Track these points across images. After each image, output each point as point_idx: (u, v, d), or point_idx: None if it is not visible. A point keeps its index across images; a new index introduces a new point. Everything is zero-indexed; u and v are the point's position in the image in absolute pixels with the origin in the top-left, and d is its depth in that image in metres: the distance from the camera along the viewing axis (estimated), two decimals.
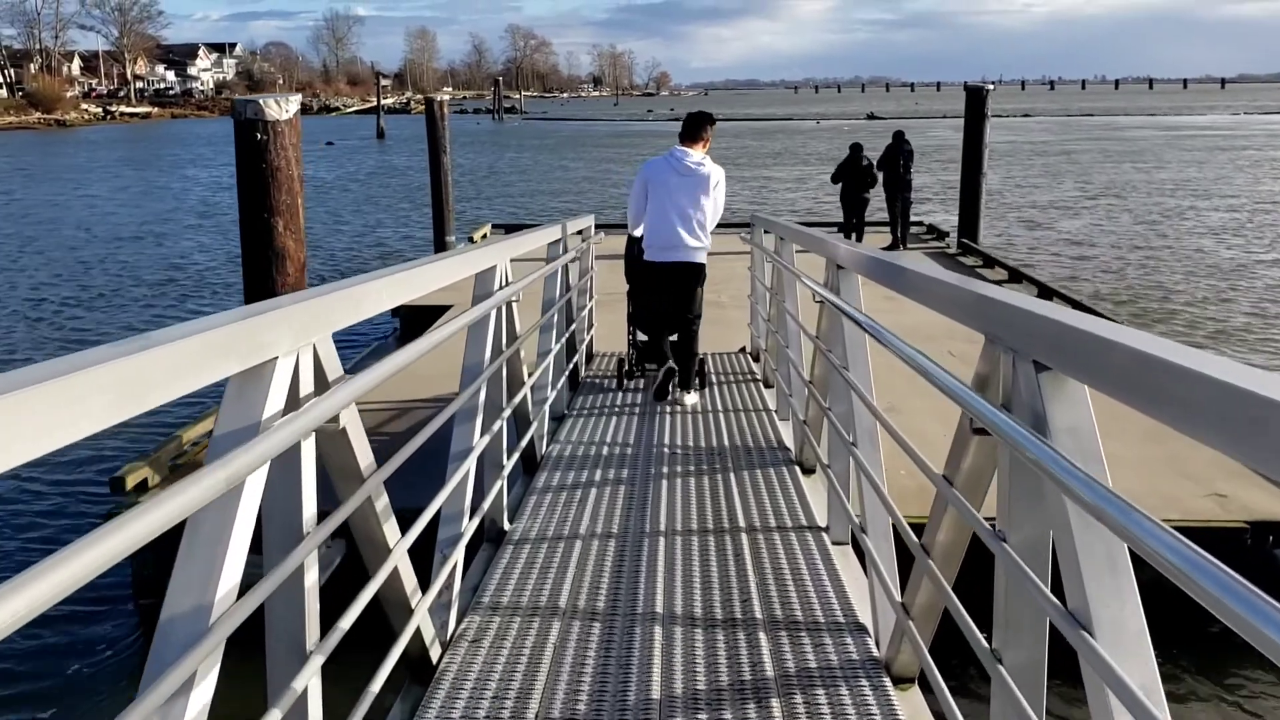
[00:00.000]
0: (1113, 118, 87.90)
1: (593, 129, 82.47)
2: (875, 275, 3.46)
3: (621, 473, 5.22)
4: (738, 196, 30.16)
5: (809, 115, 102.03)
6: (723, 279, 13.09)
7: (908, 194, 16.82)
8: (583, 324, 7.46)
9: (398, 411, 7.60)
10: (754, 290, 8.38)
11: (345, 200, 33.18)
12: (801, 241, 5.68)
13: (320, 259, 20.78)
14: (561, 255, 6.34)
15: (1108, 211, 26.87)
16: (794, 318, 5.71)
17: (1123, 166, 40.58)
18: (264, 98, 5.59)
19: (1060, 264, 18.95)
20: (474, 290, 4.00)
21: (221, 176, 39.71)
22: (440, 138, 17.28)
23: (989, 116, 17.20)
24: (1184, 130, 67.78)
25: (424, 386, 7.53)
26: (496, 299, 3.95)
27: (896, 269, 3.15)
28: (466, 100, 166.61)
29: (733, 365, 8.18)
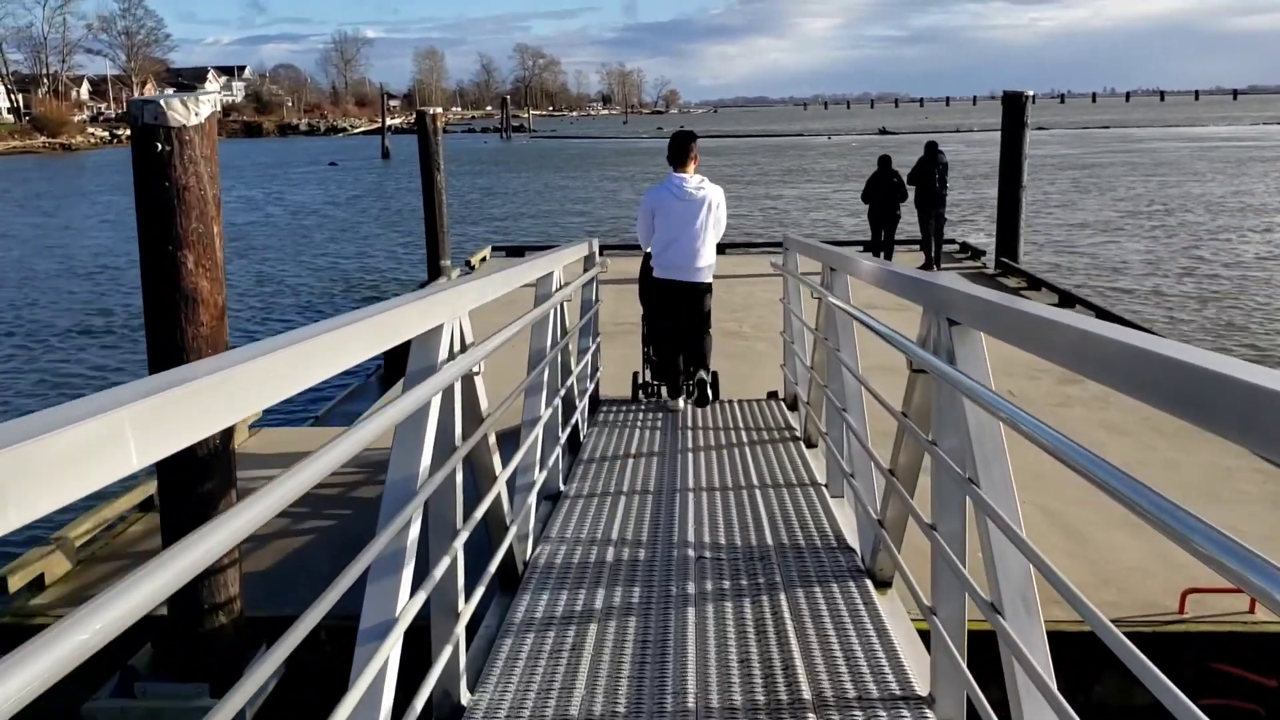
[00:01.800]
0: (1128, 130, 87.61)
1: (601, 146, 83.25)
2: (1015, 335, 2.31)
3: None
4: (750, 218, 30.28)
5: (820, 131, 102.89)
6: (742, 305, 12.92)
7: (942, 210, 15.73)
8: (585, 369, 6.59)
9: None
10: (788, 325, 7.18)
11: (332, 224, 32.89)
12: (877, 281, 3.97)
13: (292, 291, 20.46)
14: (553, 293, 5.22)
15: (1159, 231, 25.38)
16: (855, 373, 4.50)
17: (1155, 180, 39.68)
18: (167, 96, 4.37)
19: (1123, 291, 17.35)
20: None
21: None
22: (434, 154, 16.29)
23: (1028, 126, 16.10)
24: (1208, 141, 67.26)
25: None
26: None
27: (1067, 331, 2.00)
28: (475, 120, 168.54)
29: (762, 416, 6.99)
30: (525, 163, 63.73)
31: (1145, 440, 7.55)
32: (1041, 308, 2.37)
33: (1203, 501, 6.60)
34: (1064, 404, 8.43)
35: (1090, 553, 5.69)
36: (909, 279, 3.29)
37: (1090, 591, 5.11)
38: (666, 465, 5.77)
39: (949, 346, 2.77)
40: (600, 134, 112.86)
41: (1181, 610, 5.10)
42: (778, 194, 37.48)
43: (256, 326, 17.09)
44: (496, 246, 19.57)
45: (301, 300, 19.67)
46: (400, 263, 24.12)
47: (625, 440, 6.35)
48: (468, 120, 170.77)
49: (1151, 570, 5.46)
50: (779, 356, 8.55)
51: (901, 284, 3.50)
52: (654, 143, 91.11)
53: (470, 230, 28.88)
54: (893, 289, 3.65)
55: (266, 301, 19.63)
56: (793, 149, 72.79)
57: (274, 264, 24.40)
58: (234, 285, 20.24)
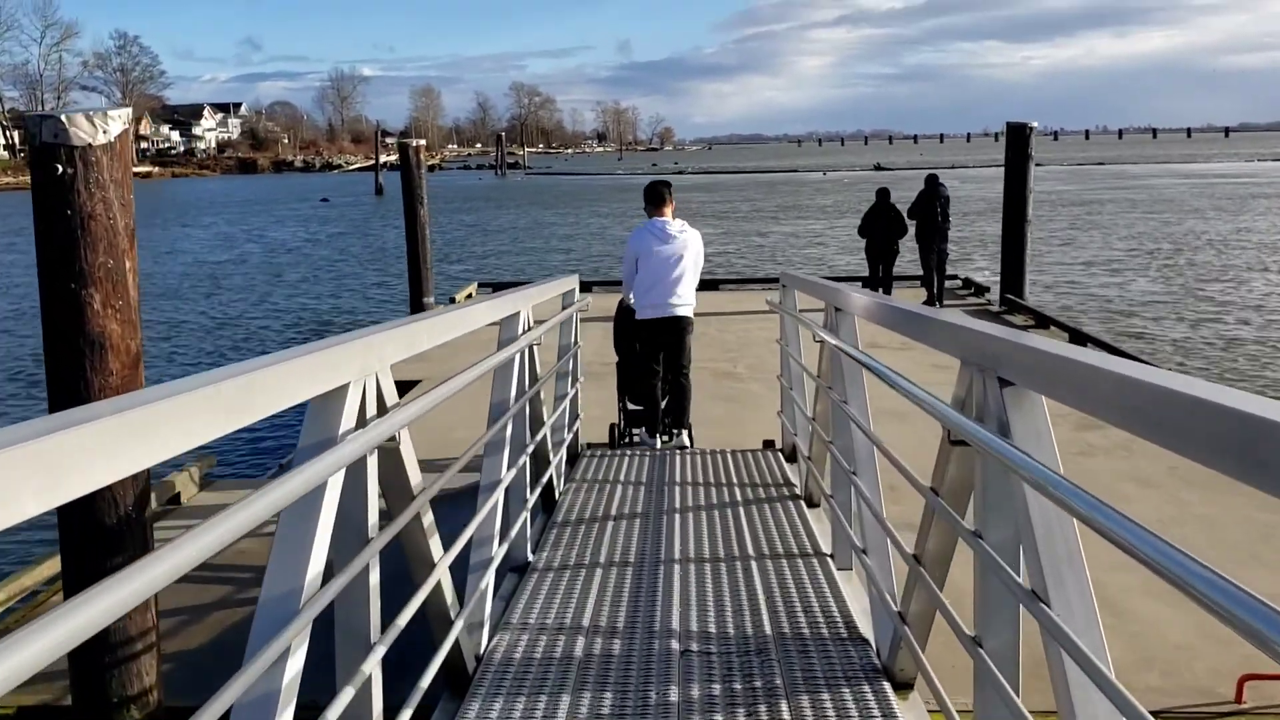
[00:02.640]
0: (1123, 166, 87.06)
1: (594, 183, 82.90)
2: (1098, 402, 1.77)
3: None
4: (745, 254, 29.76)
5: (815, 167, 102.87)
6: (737, 344, 12.23)
7: (944, 245, 15.04)
8: (563, 418, 5.98)
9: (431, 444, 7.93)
10: (785, 369, 6.74)
11: (309, 262, 31.43)
12: (891, 323, 3.43)
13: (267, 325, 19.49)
14: (519, 335, 4.62)
15: (1167, 269, 24.09)
16: (865, 430, 3.82)
17: (1156, 218, 38.29)
18: (71, 111, 3.81)
19: (1133, 333, 16.18)
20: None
21: (172, 241, 37.73)
22: (416, 187, 15.47)
23: (1032, 158, 15.27)
24: (1204, 178, 66.35)
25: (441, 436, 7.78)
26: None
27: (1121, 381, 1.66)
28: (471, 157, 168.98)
29: (758, 470, 6.24)
30: (517, 200, 62.65)
31: (1175, 493, 6.89)
32: (1121, 363, 1.75)
33: (1248, 566, 5.92)
34: (1085, 453, 7.75)
35: (1129, 626, 4.99)
36: (938, 323, 2.68)
37: (1132, 674, 4.46)
38: (651, 529, 5.08)
39: (1000, 414, 2.15)
40: (594, 171, 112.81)
41: (1239, 699, 4.44)
42: (770, 230, 36.81)
43: None
44: (483, 283, 18.91)
45: (243, 346, 17.95)
46: (368, 300, 22.95)
47: (606, 499, 5.63)
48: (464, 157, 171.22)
49: (1200, 650, 4.79)
50: (776, 401, 8.04)
51: (925, 329, 2.89)
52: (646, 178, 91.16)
53: (452, 269, 27.80)
54: (911, 333, 3.03)
55: (215, 344, 18.10)
56: (786, 184, 72.47)
57: (235, 304, 22.98)
58: (185, 327, 19.64)
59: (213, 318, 21.12)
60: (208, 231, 42.73)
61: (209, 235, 39.97)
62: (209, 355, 17.02)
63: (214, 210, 58.90)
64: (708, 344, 11.65)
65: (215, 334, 19.21)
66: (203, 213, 55.46)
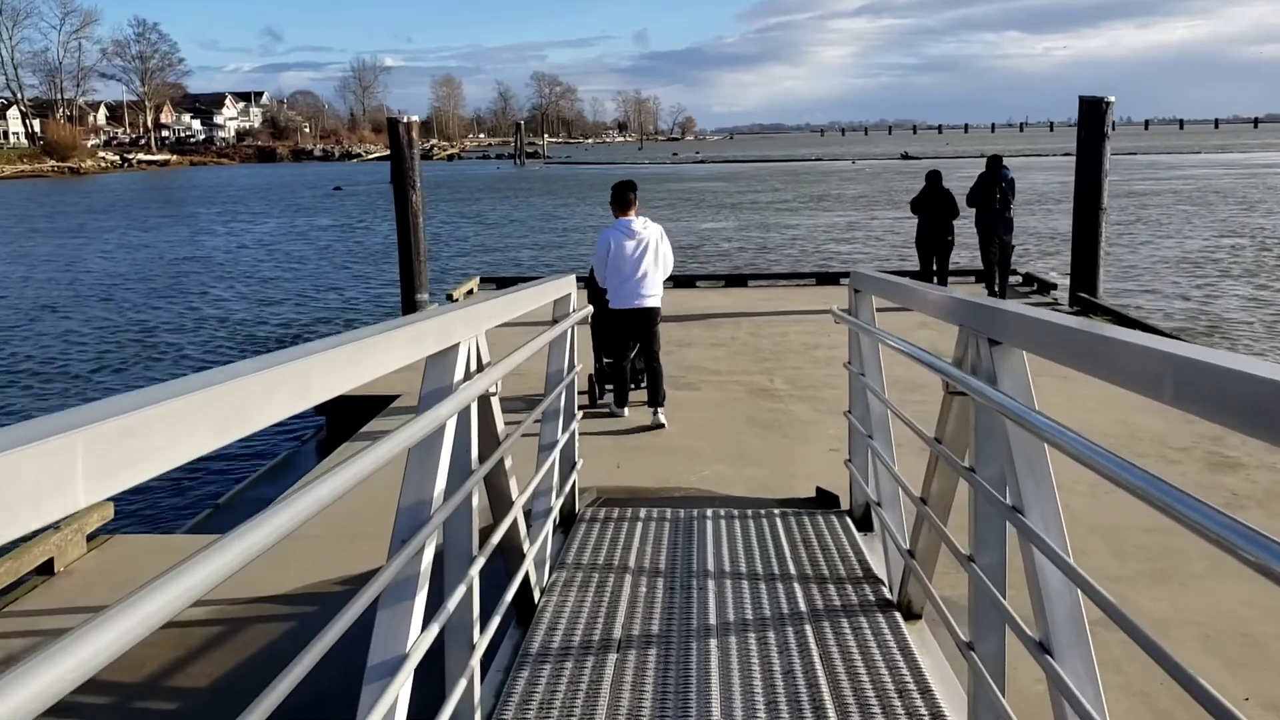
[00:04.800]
0: (1155, 156, 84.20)
1: (613, 172, 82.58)
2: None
3: None
4: (772, 251, 29.54)
5: (840, 156, 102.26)
6: (773, 352, 10.93)
7: (1008, 236, 13.55)
8: (553, 471, 4.53)
9: None
10: (859, 404, 4.95)
11: (299, 256, 29.99)
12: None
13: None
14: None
15: (1257, 269, 21.64)
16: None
17: (1217, 210, 35.85)
18: None
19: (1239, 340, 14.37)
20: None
21: (165, 236, 35.82)
22: (408, 172, 13.57)
23: (1109, 136, 13.50)
24: (1247, 168, 64.18)
25: None
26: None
27: None
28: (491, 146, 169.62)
29: (820, 547, 4.63)
30: (534, 189, 61.75)
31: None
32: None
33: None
34: None
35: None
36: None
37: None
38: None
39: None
40: (615, 160, 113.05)
41: None
42: (799, 222, 35.90)
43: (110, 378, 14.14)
44: (486, 278, 17.84)
45: (193, 348, 16.56)
46: (355, 296, 21.76)
47: (604, 603, 4.01)
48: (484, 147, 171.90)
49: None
50: (825, 423, 7.79)
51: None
52: (667, 168, 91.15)
53: (455, 263, 26.79)
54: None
55: (142, 352, 16.21)
56: (810, 174, 72.11)
57: (209, 301, 21.47)
58: (134, 325, 18.30)
59: (166, 316, 19.53)
60: (193, 225, 41.52)
61: (194, 228, 39.32)
62: (184, 361, 15.46)
63: (210, 201, 57.49)
64: (738, 350, 11.12)
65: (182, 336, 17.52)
66: (200, 202, 54.89)
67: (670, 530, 4.85)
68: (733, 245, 28.65)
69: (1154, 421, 7.62)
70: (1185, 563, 5.01)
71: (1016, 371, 2.61)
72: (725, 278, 17.69)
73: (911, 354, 3.23)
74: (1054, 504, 2.41)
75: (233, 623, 4.66)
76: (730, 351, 11.11)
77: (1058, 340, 2.22)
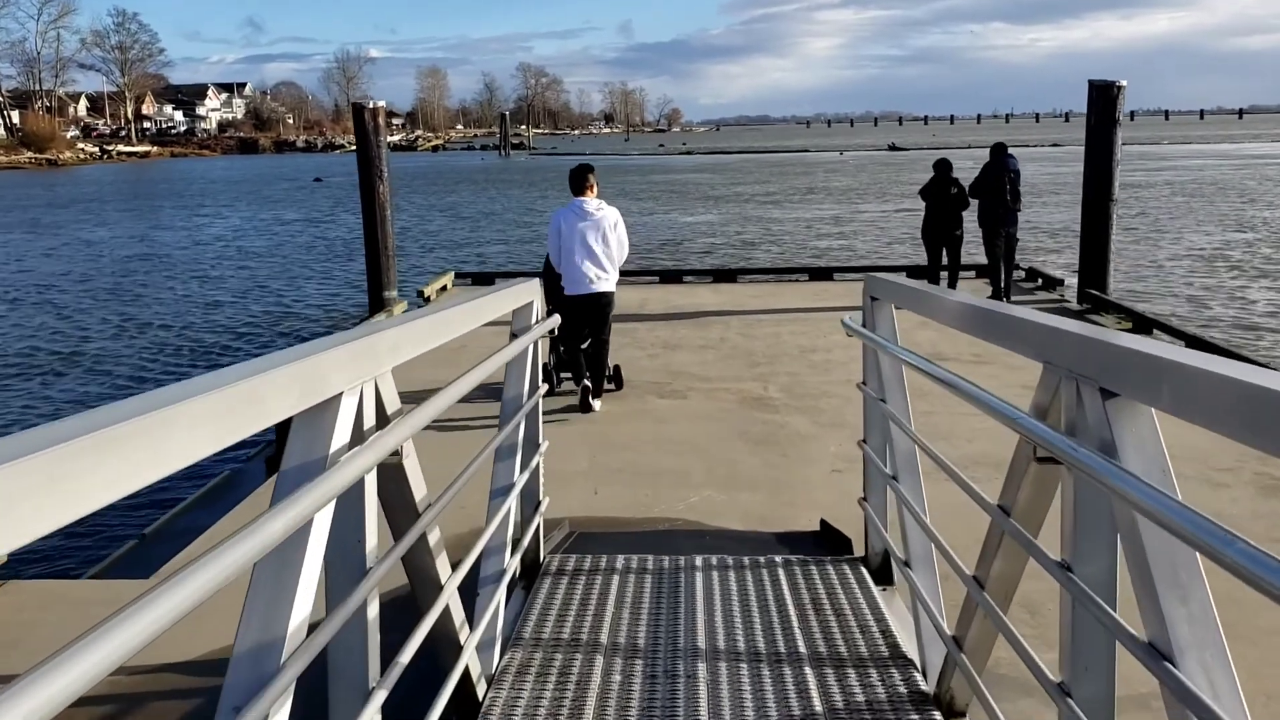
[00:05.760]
0: (1144, 147, 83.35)
1: (598, 163, 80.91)
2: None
3: None
4: (760, 244, 28.40)
5: (827, 147, 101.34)
6: (766, 355, 10.10)
7: (1013, 229, 12.60)
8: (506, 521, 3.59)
9: None
10: (870, 430, 4.40)
11: (265, 252, 27.97)
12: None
13: None
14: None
15: (1273, 264, 20.25)
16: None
17: (1218, 202, 34.47)
18: None
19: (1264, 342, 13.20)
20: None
21: (129, 230, 34.21)
22: (374, 160, 12.59)
23: (1120, 123, 12.79)
24: (1240, 159, 62.92)
25: None
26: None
27: None
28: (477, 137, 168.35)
29: (833, 608, 3.86)
30: (515, 180, 59.65)
31: None
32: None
33: None
34: None
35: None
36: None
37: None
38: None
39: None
40: (599, 151, 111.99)
41: None
42: (789, 215, 34.44)
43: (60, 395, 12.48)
44: (461, 273, 16.51)
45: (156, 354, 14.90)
46: (308, 297, 19.82)
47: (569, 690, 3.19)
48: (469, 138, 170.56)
49: None
50: (826, 439, 7.13)
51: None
52: (652, 159, 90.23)
53: (429, 258, 25.35)
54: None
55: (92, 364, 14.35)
56: (798, 165, 71.00)
57: (144, 304, 19.31)
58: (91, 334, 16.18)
59: (115, 321, 17.61)
60: (157, 217, 39.86)
61: (162, 219, 37.89)
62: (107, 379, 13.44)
63: (186, 193, 55.36)
64: (729, 353, 10.27)
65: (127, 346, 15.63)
66: (169, 195, 52.72)
67: (653, 588, 4.01)
68: (720, 239, 27.73)
69: (1191, 436, 6.77)
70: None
71: (1145, 439, 1.81)
72: (714, 273, 16.82)
73: (962, 389, 2.41)
74: (1217, 643, 1.61)
75: (123, 700, 3.83)
76: (720, 354, 10.31)
77: (1212, 394, 1.43)
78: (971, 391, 2.32)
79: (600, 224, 8.00)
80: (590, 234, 7.96)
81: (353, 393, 1.94)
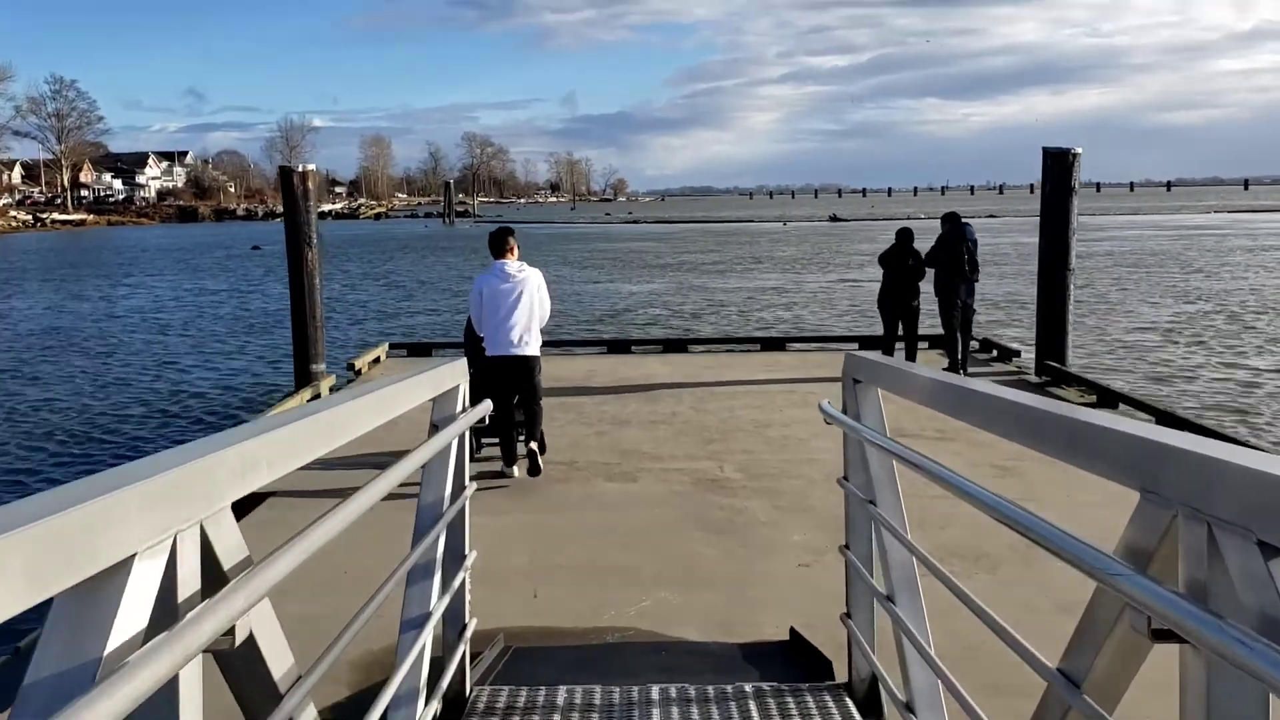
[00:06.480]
0: (1082, 217, 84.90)
1: (540, 231, 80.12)
2: None
3: None
4: (708, 313, 28.17)
5: (770, 218, 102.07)
6: (719, 430, 9.52)
7: (970, 299, 12.17)
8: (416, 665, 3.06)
9: None
10: (853, 533, 3.69)
11: (186, 322, 26.39)
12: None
13: None
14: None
15: (1227, 335, 20.06)
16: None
17: (1159, 272, 34.55)
18: None
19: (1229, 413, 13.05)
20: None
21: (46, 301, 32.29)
22: (302, 224, 11.86)
23: (1077, 191, 12.54)
24: (1175, 229, 63.64)
25: None
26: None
27: None
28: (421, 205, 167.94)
29: None
30: (455, 248, 58.17)
31: None
32: None
33: None
34: None
35: None
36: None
37: None
38: None
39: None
40: (545, 219, 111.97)
41: None
42: (735, 285, 33.74)
43: None
44: (397, 344, 15.67)
45: None
46: (214, 376, 17.87)
47: None
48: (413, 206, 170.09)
49: None
50: (788, 526, 6.57)
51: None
52: (598, 228, 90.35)
53: (369, 327, 24.08)
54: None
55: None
56: (744, 235, 70.98)
57: (34, 383, 17.44)
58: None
59: None
60: (73, 287, 37.53)
61: (79, 290, 35.75)
62: None
63: (113, 262, 52.94)
64: (681, 429, 9.70)
65: None
66: (94, 264, 50.46)
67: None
68: (669, 309, 27.24)
69: None
70: None
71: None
72: (664, 342, 16.26)
73: (1016, 519, 1.80)
74: None
75: None
76: (672, 430, 9.70)
77: None
78: (1033, 524, 1.72)
79: (522, 286, 7.91)
80: (512, 297, 7.88)
81: (155, 552, 1.30)
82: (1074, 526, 1.65)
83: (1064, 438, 1.79)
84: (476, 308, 8.06)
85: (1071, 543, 1.60)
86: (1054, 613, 4.86)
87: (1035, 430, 1.94)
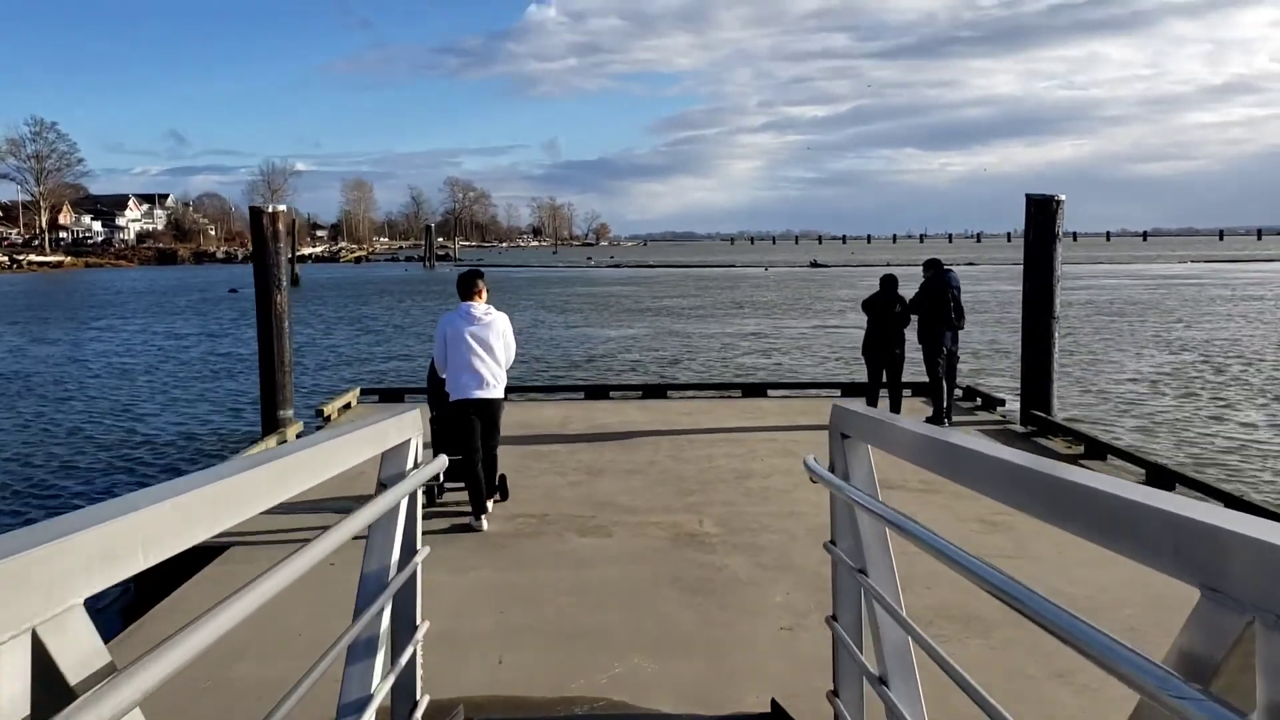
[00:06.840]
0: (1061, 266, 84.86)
1: (520, 275, 79.59)
2: None
3: None
4: (689, 359, 28.12)
5: (751, 263, 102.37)
6: (698, 480, 9.21)
7: (955, 346, 12.03)
8: None
9: None
10: (841, 602, 3.42)
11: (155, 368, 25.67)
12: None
13: None
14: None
15: (1219, 385, 19.83)
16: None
17: (1138, 321, 34.61)
18: None
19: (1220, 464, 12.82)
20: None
21: None
22: (271, 266, 11.56)
23: (1060, 238, 12.35)
24: (1153, 279, 63.90)
25: None
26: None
27: None
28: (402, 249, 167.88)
29: None
30: (436, 292, 56.90)
31: None
32: None
33: None
34: None
35: None
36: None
37: None
38: None
39: None
40: (526, 263, 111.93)
41: None
42: (715, 331, 33.41)
43: None
44: (368, 389, 15.39)
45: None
46: (176, 424, 17.04)
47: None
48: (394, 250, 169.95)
49: None
50: (770, 586, 6.24)
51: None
52: (579, 272, 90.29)
53: (341, 373, 23.62)
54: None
55: None
56: (725, 279, 71.07)
57: None
58: None
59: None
60: (37, 331, 36.41)
61: (43, 334, 34.79)
62: None
63: (85, 305, 51.56)
64: (658, 479, 9.38)
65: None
66: (65, 307, 49.34)
67: None
68: (648, 354, 27.00)
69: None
70: None
71: None
72: (643, 388, 15.96)
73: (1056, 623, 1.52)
74: None
75: None
76: (648, 480, 9.39)
77: None
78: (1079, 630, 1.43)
79: (488, 329, 7.86)
80: (478, 339, 7.82)
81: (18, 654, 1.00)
82: (1067, 586, 1.37)
83: (1097, 518, 1.51)
84: (440, 348, 7.96)
85: (1125, 655, 1.32)
86: (1049, 679, 4.61)
87: (1056, 504, 1.66)
